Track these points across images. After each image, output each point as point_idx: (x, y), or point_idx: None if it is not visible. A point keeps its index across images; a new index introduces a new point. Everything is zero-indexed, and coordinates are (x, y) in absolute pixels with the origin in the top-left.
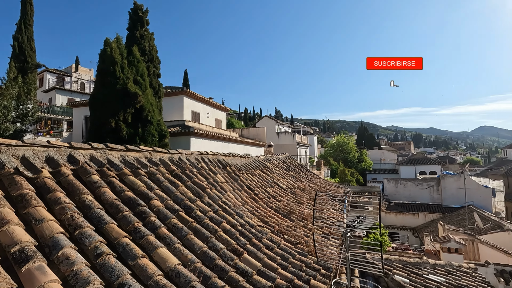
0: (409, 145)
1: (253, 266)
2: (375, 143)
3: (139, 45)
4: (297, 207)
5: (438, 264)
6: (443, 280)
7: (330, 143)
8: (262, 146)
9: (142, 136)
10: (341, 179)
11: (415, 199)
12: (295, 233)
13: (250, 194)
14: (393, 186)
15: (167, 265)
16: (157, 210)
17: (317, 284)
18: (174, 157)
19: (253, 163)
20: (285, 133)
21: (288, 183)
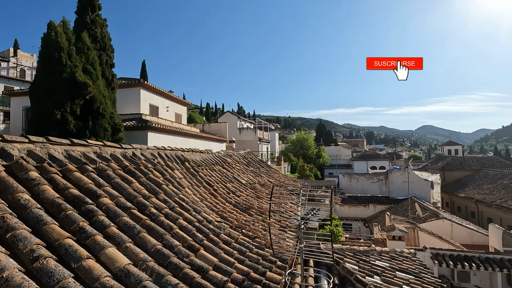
0: (362, 142)
1: (210, 261)
2: (332, 139)
3: (90, 31)
4: (256, 202)
5: (383, 251)
6: (387, 265)
7: (291, 140)
8: (224, 141)
9: (92, 130)
10: (301, 174)
11: (367, 192)
12: (253, 227)
13: (209, 190)
14: (348, 180)
15: (116, 266)
16: (106, 208)
17: (273, 276)
18: (128, 152)
19: (213, 159)
20: (247, 129)
21: (248, 179)
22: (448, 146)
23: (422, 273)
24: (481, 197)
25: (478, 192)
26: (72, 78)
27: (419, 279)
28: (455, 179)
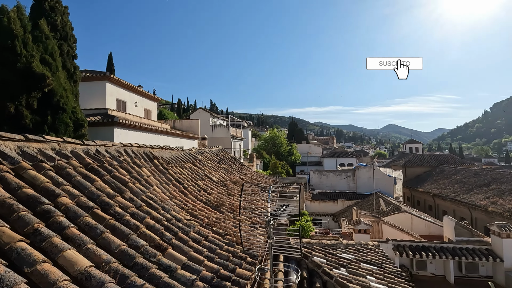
0: (332, 140)
1: (178, 260)
2: (303, 137)
3: (49, 19)
4: (227, 199)
5: (350, 244)
6: (353, 257)
7: (263, 137)
8: (196, 138)
9: (52, 125)
10: (273, 171)
11: (336, 188)
12: (224, 224)
13: (179, 188)
14: (318, 177)
15: (76, 269)
16: (65, 208)
17: (242, 272)
18: (91, 149)
19: (184, 156)
20: (220, 126)
21: (220, 176)
22: (410, 144)
23: (384, 264)
24: (438, 191)
25: (435, 187)
26: (27, 69)
27: (382, 269)
28: (415, 175)
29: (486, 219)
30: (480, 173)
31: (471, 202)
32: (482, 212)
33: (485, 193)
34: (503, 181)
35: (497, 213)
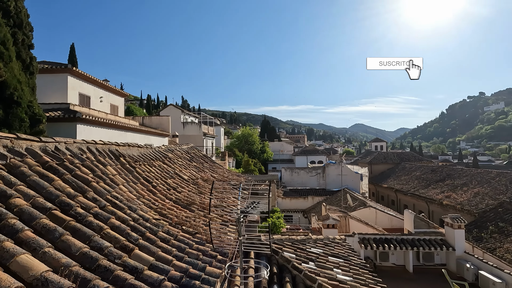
0: (303, 138)
1: (145, 261)
2: (276, 135)
3: (0, 4)
4: (198, 197)
5: (318, 238)
6: (321, 251)
7: (236, 135)
8: (166, 136)
9: (4, 120)
10: (245, 169)
11: (306, 185)
12: (194, 223)
13: (148, 187)
14: (289, 175)
15: (31, 274)
16: (19, 210)
17: (212, 270)
18: (49, 146)
19: (152, 154)
20: (191, 124)
21: (190, 174)
22: (375, 142)
23: (350, 256)
24: (399, 187)
25: (397, 182)
26: None
27: (348, 261)
28: (380, 172)
29: (441, 211)
30: (437, 169)
31: (429, 197)
32: (438, 206)
33: (441, 188)
34: (456, 176)
35: (451, 206)
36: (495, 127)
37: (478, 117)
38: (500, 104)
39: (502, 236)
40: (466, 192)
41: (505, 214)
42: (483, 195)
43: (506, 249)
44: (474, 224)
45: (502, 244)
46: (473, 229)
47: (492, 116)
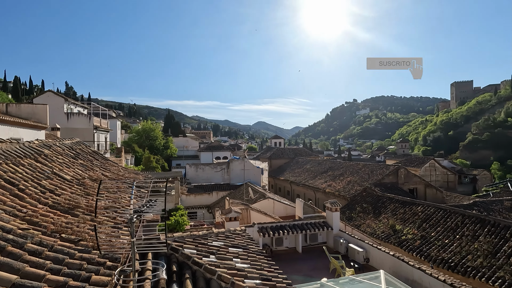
0: (209, 134)
1: (5, 281)
2: (181, 131)
3: None
4: (84, 200)
5: (220, 232)
6: (222, 243)
7: (136, 129)
8: (42, 128)
9: None
10: (146, 166)
11: (211, 181)
12: (77, 229)
13: (12, 191)
14: (194, 171)
15: None
16: None
17: (99, 279)
18: None
19: (21, 150)
20: (78, 115)
21: (75, 174)
22: (275, 139)
23: (249, 245)
24: (294, 179)
25: (292, 175)
26: None
27: (246, 250)
28: (278, 166)
29: (325, 198)
30: (322, 163)
31: (315, 186)
32: (322, 193)
33: (325, 178)
34: (335, 168)
35: (331, 193)
36: (363, 127)
37: (352, 119)
38: (367, 109)
39: (365, 215)
40: (342, 181)
41: (367, 197)
42: (353, 183)
43: (367, 225)
44: (347, 207)
45: (365, 221)
46: (346, 211)
47: (361, 119)
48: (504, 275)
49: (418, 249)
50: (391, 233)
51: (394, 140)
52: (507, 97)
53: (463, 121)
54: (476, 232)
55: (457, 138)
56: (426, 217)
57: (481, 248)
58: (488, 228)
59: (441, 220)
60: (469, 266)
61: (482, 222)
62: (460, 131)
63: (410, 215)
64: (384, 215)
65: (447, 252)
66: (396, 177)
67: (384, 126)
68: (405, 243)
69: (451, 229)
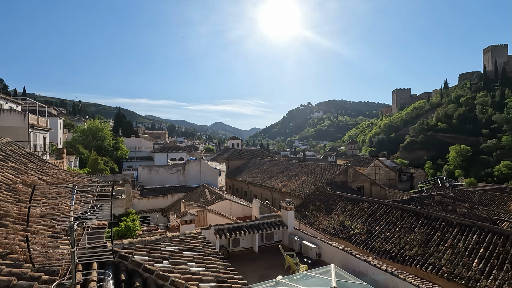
0: (164, 134)
1: None
2: (133, 131)
3: None
4: (15, 207)
5: (174, 236)
6: (176, 248)
7: (81, 129)
8: None
9: None
10: (92, 169)
11: (166, 183)
12: (5, 241)
13: None
14: (147, 173)
15: None
16: None
17: None
18: None
19: None
20: (10, 112)
21: (4, 178)
22: (232, 140)
23: (205, 248)
24: (251, 179)
25: (249, 176)
26: None
27: (202, 253)
28: (236, 167)
29: (281, 197)
30: (278, 163)
31: (272, 186)
32: (278, 193)
33: (281, 178)
34: (291, 168)
35: (287, 193)
36: (317, 129)
37: (306, 121)
38: (320, 112)
39: (318, 212)
40: (297, 180)
41: (320, 195)
42: (307, 182)
43: (320, 222)
44: (301, 205)
45: (317, 218)
46: (300, 209)
47: (315, 121)
48: (434, 261)
49: (364, 242)
50: (341, 229)
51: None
52: (437, 104)
53: (402, 124)
54: (412, 224)
55: (398, 140)
56: (371, 212)
57: (416, 238)
58: (422, 220)
59: (383, 215)
60: (407, 255)
61: (417, 215)
62: (400, 133)
63: (357, 211)
64: (335, 212)
65: (389, 243)
66: (345, 176)
67: (336, 128)
68: (353, 238)
69: (392, 223)
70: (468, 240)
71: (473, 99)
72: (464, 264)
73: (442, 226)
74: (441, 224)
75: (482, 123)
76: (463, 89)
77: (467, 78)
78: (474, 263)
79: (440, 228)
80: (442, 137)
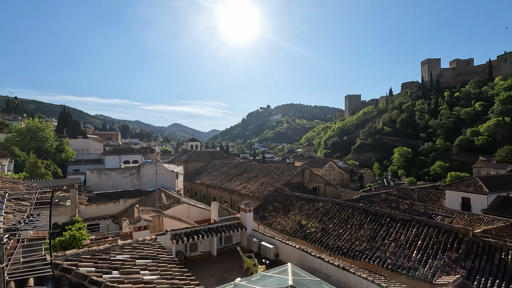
0: (117, 136)
1: None
2: (80, 131)
3: None
4: None
5: (126, 243)
6: (128, 256)
7: (17, 128)
8: None
9: None
10: (31, 173)
11: (118, 187)
12: None
13: None
14: (97, 177)
15: None
16: None
17: None
18: None
19: None
20: None
21: None
22: (191, 142)
23: (159, 255)
24: (210, 182)
25: (208, 178)
26: None
27: (156, 260)
28: (194, 169)
29: (240, 199)
30: (238, 165)
31: (231, 188)
32: (238, 195)
33: (240, 180)
34: (250, 170)
35: (246, 195)
36: (275, 132)
37: (266, 124)
38: (279, 115)
39: (276, 213)
40: (256, 182)
41: (278, 196)
42: (266, 184)
43: (278, 222)
44: (260, 207)
45: (276, 219)
46: (259, 211)
47: (274, 124)
48: (381, 254)
49: (319, 240)
50: (298, 228)
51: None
52: (383, 110)
53: (354, 128)
54: (362, 221)
55: (350, 143)
56: (326, 211)
57: (365, 234)
58: (370, 217)
59: (337, 213)
60: (357, 250)
61: (366, 212)
62: (351, 136)
63: (313, 211)
64: (292, 212)
65: (341, 240)
66: (302, 177)
67: (294, 131)
68: (309, 236)
69: (344, 220)
70: (408, 233)
71: (413, 106)
72: (405, 256)
73: (387, 222)
74: (386, 220)
75: (421, 127)
76: (405, 97)
77: (408, 87)
78: (414, 254)
79: (385, 224)
80: (387, 140)
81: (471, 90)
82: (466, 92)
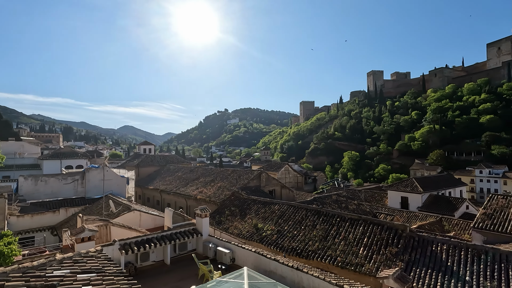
0: (57, 138)
1: None
2: (12, 132)
3: None
4: None
5: (66, 257)
6: (68, 271)
7: None
8: None
9: None
10: None
11: (58, 195)
12: None
13: None
14: (32, 184)
15: None
16: None
17: None
18: None
19: None
20: None
21: None
22: (144, 145)
23: (105, 267)
24: (164, 187)
25: (162, 183)
26: None
27: (101, 274)
28: (147, 174)
29: (196, 205)
30: (194, 169)
31: (187, 193)
32: (194, 200)
33: (196, 185)
34: (207, 175)
35: (203, 200)
36: (233, 136)
37: (223, 127)
38: (237, 119)
39: (233, 217)
40: (213, 186)
41: (235, 200)
42: (223, 188)
43: (235, 226)
44: (217, 211)
45: (232, 223)
46: (216, 215)
47: (232, 128)
48: (332, 253)
49: (275, 242)
50: (254, 232)
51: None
52: (334, 116)
53: (308, 133)
54: (315, 222)
55: (304, 147)
56: (281, 214)
57: (317, 234)
58: (322, 218)
59: (291, 215)
60: (310, 250)
61: (318, 213)
62: (306, 141)
63: (269, 214)
64: (249, 216)
65: (296, 241)
66: (259, 181)
67: (251, 135)
68: (265, 239)
69: (298, 222)
70: (356, 231)
71: (360, 113)
72: (353, 253)
73: (338, 222)
74: (337, 220)
75: (367, 133)
76: (353, 105)
77: (356, 95)
78: (360, 250)
79: (336, 223)
80: (338, 144)
81: (408, 100)
82: (405, 102)
